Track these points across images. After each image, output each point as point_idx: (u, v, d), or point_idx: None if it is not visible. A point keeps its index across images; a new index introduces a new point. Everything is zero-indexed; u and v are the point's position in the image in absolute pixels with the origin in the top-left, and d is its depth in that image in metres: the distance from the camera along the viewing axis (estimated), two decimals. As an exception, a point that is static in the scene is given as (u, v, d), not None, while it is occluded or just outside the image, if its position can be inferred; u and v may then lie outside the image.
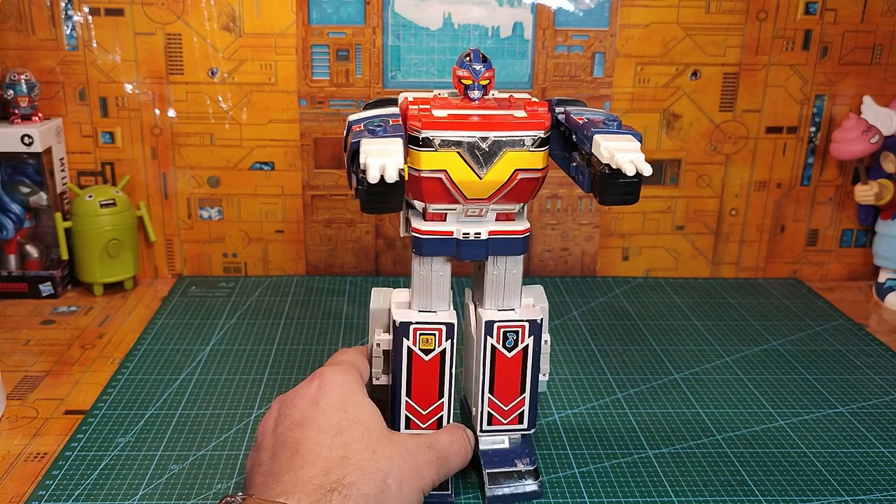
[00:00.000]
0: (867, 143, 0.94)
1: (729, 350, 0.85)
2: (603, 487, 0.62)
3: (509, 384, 0.60)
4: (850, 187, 1.02)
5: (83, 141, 0.95)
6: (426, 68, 0.95)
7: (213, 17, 0.92)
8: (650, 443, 0.68)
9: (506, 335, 0.59)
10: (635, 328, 0.90)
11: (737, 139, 1.00)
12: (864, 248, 1.05)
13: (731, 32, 0.95)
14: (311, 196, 0.99)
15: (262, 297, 0.96)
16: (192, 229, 0.99)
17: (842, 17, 0.96)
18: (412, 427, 0.61)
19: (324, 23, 0.93)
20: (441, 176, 0.54)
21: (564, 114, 0.58)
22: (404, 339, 0.58)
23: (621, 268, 1.04)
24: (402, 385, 0.60)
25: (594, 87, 0.97)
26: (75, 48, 0.92)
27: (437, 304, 0.60)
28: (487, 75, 0.56)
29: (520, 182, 0.55)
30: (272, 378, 0.77)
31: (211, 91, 0.94)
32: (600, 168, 0.52)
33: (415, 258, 0.59)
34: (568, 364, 0.81)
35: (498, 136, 0.54)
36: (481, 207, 0.57)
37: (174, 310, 0.91)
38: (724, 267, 1.05)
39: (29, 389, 0.74)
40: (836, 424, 0.72)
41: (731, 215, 1.03)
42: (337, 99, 0.95)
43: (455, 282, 0.99)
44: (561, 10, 0.94)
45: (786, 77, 0.98)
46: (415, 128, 0.54)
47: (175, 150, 0.96)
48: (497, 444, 0.62)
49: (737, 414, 0.73)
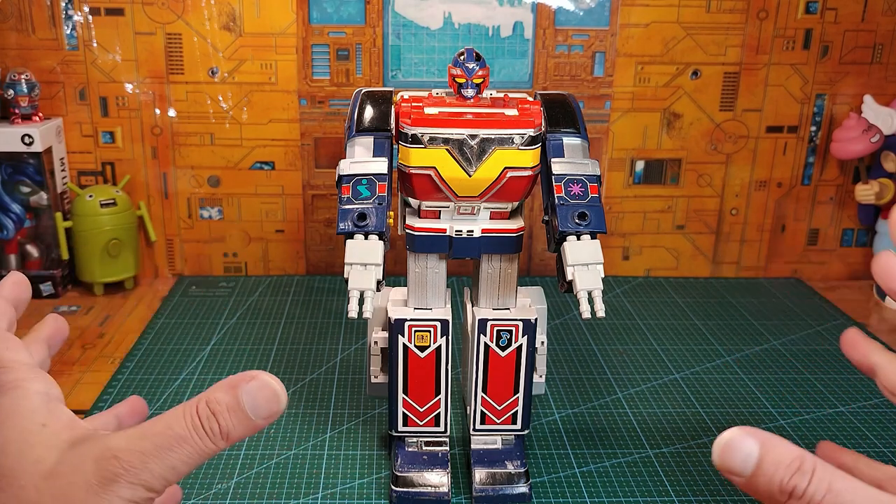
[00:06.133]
0: (868, 142, 0.94)
1: (729, 349, 0.85)
2: (603, 487, 0.62)
3: (503, 383, 0.60)
4: (850, 186, 1.02)
5: (83, 141, 0.96)
6: (426, 68, 0.95)
7: (213, 16, 0.92)
8: (650, 442, 0.68)
9: (499, 334, 0.59)
10: (636, 327, 0.89)
11: (737, 138, 1.00)
12: (865, 248, 1.05)
13: (732, 32, 0.95)
14: (312, 196, 0.99)
15: (263, 296, 0.96)
16: (192, 229, 1.00)
17: (842, 16, 0.96)
18: (410, 424, 0.61)
19: (324, 22, 0.93)
20: (430, 173, 0.54)
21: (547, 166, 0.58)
22: (400, 335, 0.58)
23: (622, 267, 1.04)
24: (398, 383, 0.60)
25: (594, 87, 0.96)
26: (75, 48, 0.92)
27: (433, 301, 0.60)
28: (481, 74, 0.56)
29: (510, 180, 0.55)
30: (271, 377, 0.77)
31: (211, 91, 0.94)
32: (562, 278, 0.55)
33: (410, 255, 0.59)
34: (568, 364, 0.81)
35: (487, 134, 0.54)
36: (473, 205, 0.57)
37: (174, 309, 0.91)
38: (725, 266, 1.05)
39: (28, 389, 0.74)
40: (837, 424, 0.71)
41: (732, 215, 1.03)
42: (337, 98, 0.95)
43: (456, 281, 0.99)
44: (561, 10, 0.94)
45: (786, 76, 0.97)
46: (405, 124, 0.54)
47: (175, 150, 0.96)
48: (489, 444, 0.62)
49: (737, 414, 0.73)
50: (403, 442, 0.62)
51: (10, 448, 0.37)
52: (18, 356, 0.41)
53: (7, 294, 0.45)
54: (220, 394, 0.38)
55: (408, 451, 0.62)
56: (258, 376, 0.38)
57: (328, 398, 0.74)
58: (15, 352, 0.41)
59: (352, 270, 0.52)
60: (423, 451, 0.62)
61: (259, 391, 0.38)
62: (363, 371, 0.79)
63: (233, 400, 0.38)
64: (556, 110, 0.59)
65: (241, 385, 0.38)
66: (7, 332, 0.43)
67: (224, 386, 0.38)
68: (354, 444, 0.67)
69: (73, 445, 0.37)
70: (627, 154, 0.99)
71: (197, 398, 0.38)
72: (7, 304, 0.45)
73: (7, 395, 0.39)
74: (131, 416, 0.48)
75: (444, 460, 0.61)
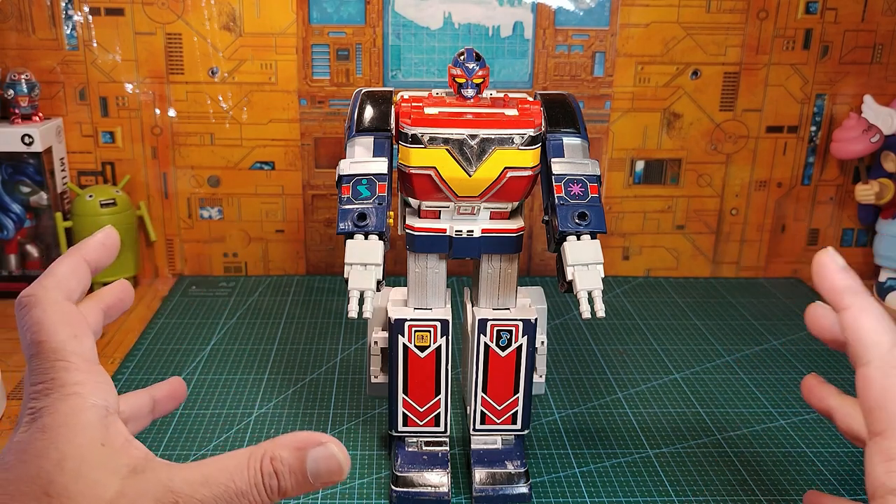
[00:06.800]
0: (868, 142, 0.94)
1: (729, 349, 0.85)
2: (603, 487, 0.62)
3: (502, 383, 0.60)
4: (850, 186, 1.02)
5: (83, 141, 0.96)
6: (426, 68, 0.95)
7: (213, 16, 0.92)
8: (650, 442, 0.68)
9: (499, 334, 0.59)
10: (636, 327, 0.89)
11: (737, 138, 1.00)
12: (865, 248, 1.05)
13: (732, 32, 0.95)
14: (312, 196, 0.99)
15: (263, 296, 0.96)
16: (192, 229, 1.00)
17: (842, 16, 0.96)
18: (410, 424, 0.61)
19: (324, 22, 0.93)
20: (430, 173, 0.54)
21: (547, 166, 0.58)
22: (399, 335, 0.58)
23: (622, 267, 1.04)
24: (398, 383, 0.60)
25: (595, 87, 0.96)
26: (75, 48, 0.92)
27: (433, 301, 0.60)
28: (481, 74, 0.56)
29: (510, 180, 0.55)
30: (272, 378, 0.77)
31: (211, 91, 0.94)
32: (562, 278, 0.55)
33: (410, 255, 0.59)
34: (568, 364, 0.81)
35: (487, 134, 0.54)
36: (473, 205, 0.57)
37: (174, 309, 0.91)
38: (725, 266, 1.05)
39: (28, 389, 0.74)
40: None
41: (732, 215, 1.02)
42: (337, 98, 0.95)
43: (456, 281, 0.99)
44: (561, 10, 0.94)
45: (786, 76, 0.97)
46: (405, 124, 0.54)
47: (175, 150, 0.96)
48: (489, 444, 0.62)
49: (737, 413, 0.73)
50: (403, 442, 0.62)
51: (67, 465, 0.34)
52: (83, 348, 0.38)
53: (89, 254, 0.41)
54: (286, 453, 0.36)
55: (408, 451, 0.62)
56: (327, 444, 0.37)
57: (328, 398, 0.74)
58: (80, 342, 0.38)
59: (352, 270, 0.52)
60: (423, 451, 0.62)
61: (325, 460, 0.36)
62: (363, 371, 0.79)
63: (297, 462, 0.36)
64: (556, 110, 0.59)
65: (308, 449, 0.36)
66: (76, 311, 0.39)
67: (290, 445, 0.36)
68: (354, 444, 0.67)
69: (132, 474, 0.35)
70: (627, 154, 0.99)
71: (261, 450, 0.36)
72: (85, 265, 0.40)
73: (65, 402, 0.36)
74: (168, 401, 0.46)
75: (444, 460, 0.61)
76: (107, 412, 0.37)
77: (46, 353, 0.37)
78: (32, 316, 0.38)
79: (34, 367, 0.37)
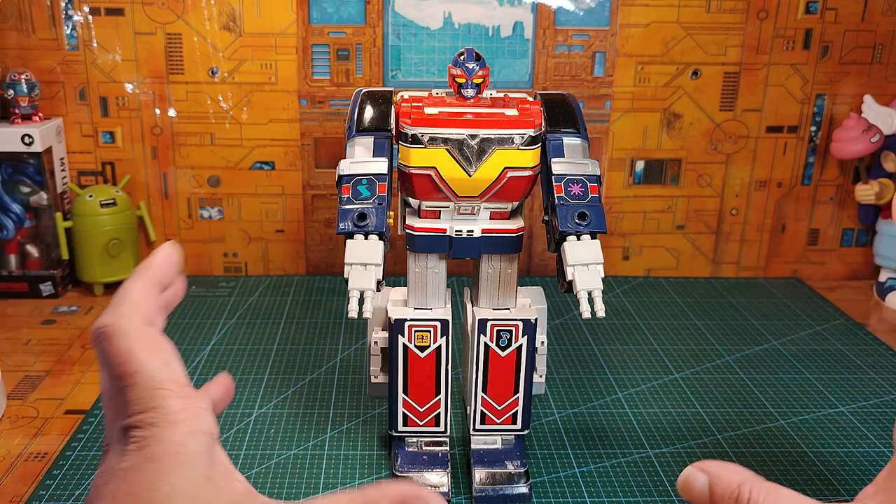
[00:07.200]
0: (868, 142, 0.94)
1: (729, 349, 0.85)
2: (603, 487, 0.62)
3: (502, 383, 0.60)
4: (850, 186, 1.02)
5: (83, 140, 0.96)
6: (426, 67, 0.95)
7: (213, 16, 0.92)
8: (650, 442, 0.68)
9: (499, 334, 0.59)
10: (636, 327, 0.89)
11: (737, 138, 1.00)
12: (865, 248, 1.05)
13: (732, 32, 0.95)
14: (312, 196, 0.99)
15: (263, 296, 0.96)
16: (192, 229, 1.00)
17: (842, 16, 0.96)
18: (410, 424, 0.61)
19: (324, 22, 0.93)
20: (430, 173, 0.54)
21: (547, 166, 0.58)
22: (399, 335, 0.58)
23: (622, 267, 1.04)
24: (398, 383, 0.60)
25: (595, 87, 0.96)
26: (75, 48, 0.92)
27: (433, 301, 0.60)
28: (481, 74, 0.56)
29: (510, 180, 0.55)
30: (272, 378, 0.77)
31: (211, 91, 0.94)
32: (562, 278, 0.55)
33: (410, 255, 0.59)
34: (568, 364, 0.81)
35: (487, 134, 0.54)
36: (473, 205, 0.57)
37: (174, 309, 0.91)
38: (725, 266, 1.05)
39: (29, 389, 0.74)
40: (837, 424, 0.71)
41: (732, 215, 1.03)
42: (337, 98, 0.95)
43: (456, 281, 0.99)
44: (561, 10, 0.94)
45: (786, 76, 0.97)
46: (405, 124, 0.54)
47: (175, 150, 0.96)
48: (489, 444, 0.62)
49: (737, 414, 0.73)
50: (403, 442, 0.62)
51: (178, 500, 0.32)
52: (177, 374, 0.35)
53: (156, 274, 0.39)
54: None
55: (408, 451, 0.62)
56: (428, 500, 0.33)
57: (328, 398, 0.74)
58: (171, 368, 0.35)
59: (352, 270, 0.52)
60: (423, 451, 0.62)
61: None
62: (363, 371, 0.79)
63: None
64: (556, 110, 0.59)
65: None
66: (159, 335, 0.37)
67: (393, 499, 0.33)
68: (354, 444, 0.67)
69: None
70: (627, 154, 0.99)
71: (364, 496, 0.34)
72: (155, 286, 0.39)
73: (172, 431, 0.33)
74: (224, 401, 0.44)
75: (444, 460, 0.61)
76: (212, 439, 0.35)
77: (143, 384, 0.35)
78: (116, 346, 0.36)
79: (131, 397, 0.35)
